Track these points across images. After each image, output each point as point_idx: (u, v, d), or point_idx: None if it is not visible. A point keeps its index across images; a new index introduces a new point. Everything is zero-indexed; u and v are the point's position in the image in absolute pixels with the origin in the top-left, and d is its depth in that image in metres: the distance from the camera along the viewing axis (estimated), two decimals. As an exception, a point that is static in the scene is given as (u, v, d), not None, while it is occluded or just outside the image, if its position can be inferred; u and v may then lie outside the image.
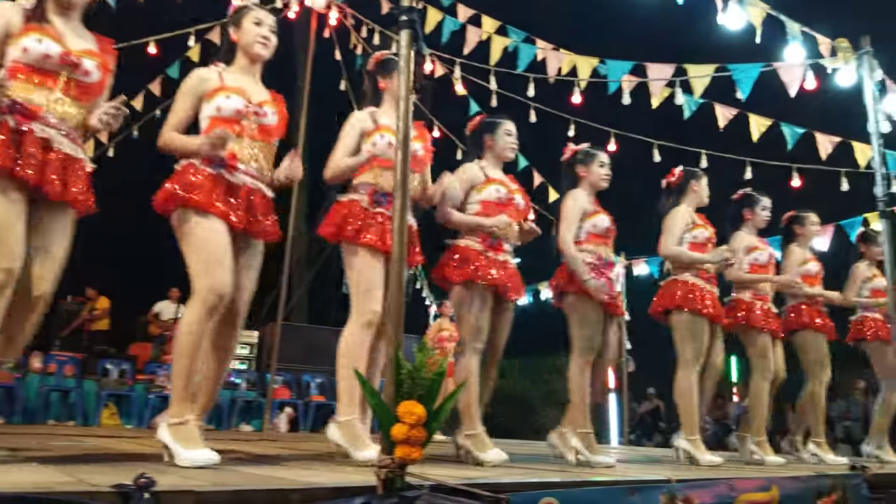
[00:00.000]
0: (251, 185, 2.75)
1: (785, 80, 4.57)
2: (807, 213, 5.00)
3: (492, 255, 3.49)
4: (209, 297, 2.57)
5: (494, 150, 3.68)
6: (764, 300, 4.60)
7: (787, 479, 3.10)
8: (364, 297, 3.09)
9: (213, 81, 2.79)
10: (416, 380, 2.04)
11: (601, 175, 3.92)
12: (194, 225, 2.62)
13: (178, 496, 1.70)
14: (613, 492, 2.48)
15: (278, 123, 2.90)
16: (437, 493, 2.09)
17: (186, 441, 2.48)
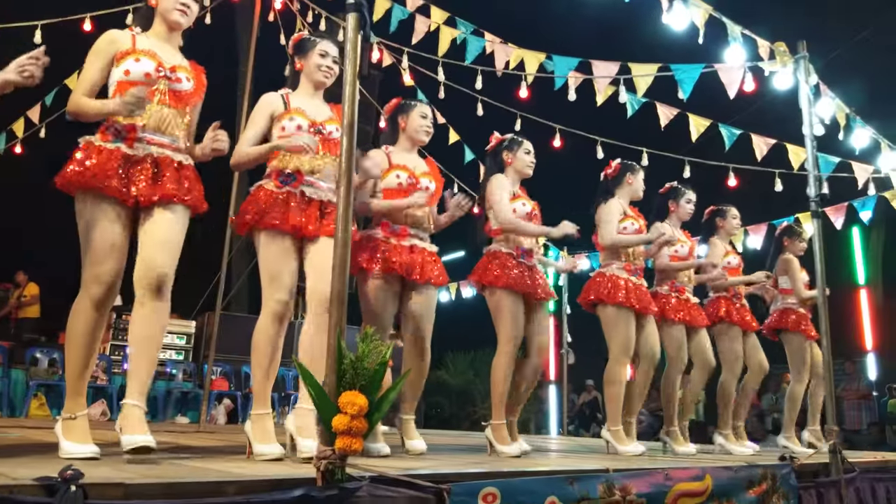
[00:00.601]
0: (157, 153, 2.61)
1: (725, 81, 4.68)
2: (728, 207, 5.18)
3: (394, 241, 3.45)
4: (95, 288, 2.48)
5: (407, 132, 3.64)
6: (681, 292, 4.73)
7: (719, 468, 3.18)
8: (268, 286, 2.92)
9: (125, 44, 2.67)
10: (358, 370, 2.01)
11: (527, 162, 3.95)
12: (88, 209, 2.52)
13: (107, 488, 1.63)
14: (553, 481, 2.50)
15: (193, 90, 2.78)
16: (377, 483, 2.07)
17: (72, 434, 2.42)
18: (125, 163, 2.55)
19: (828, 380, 4.20)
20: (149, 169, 2.57)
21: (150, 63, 2.64)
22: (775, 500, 3.33)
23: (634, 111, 5.61)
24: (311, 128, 3.03)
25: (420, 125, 3.63)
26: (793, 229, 5.58)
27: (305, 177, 2.98)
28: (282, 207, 2.91)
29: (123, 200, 2.53)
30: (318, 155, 3.01)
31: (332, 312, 2.08)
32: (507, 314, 3.68)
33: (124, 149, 2.56)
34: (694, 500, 2.98)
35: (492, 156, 4.03)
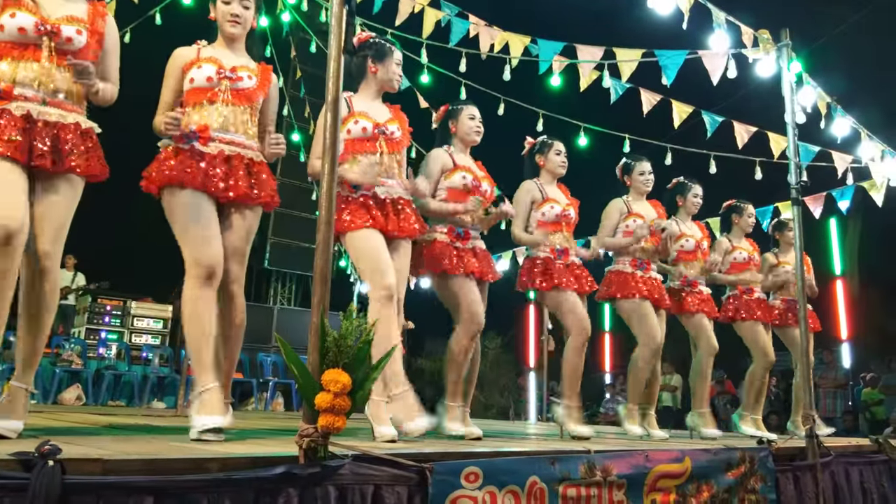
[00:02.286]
0: (228, 151, 2.75)
1: (709, 67, 4.69)
2: (745, 204, 5.28)
3: (460, 245, 3.58)
4: (199, 269, 2.61)
5: (458, 135, 3.73)
6: (693, 286, 4.86)
7: (698, 451, 3.22)
8: (374, 275, 3.01)
9: (190, 56, 2.84)
10: (341, 348, 1.99)
11: (558, 162, 4.21)
12: (179, 201, 2.66)
13: (85, 464, 1.61)
14: (535, 461, 2.51)
15: (257, 87, 2.89)
16: (360, 462, 2.06)
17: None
18: (200, 160, 2.69)
19: (806, 366, 4.25)
20: (222, 167, 2.71)
21: (211, 67, 2.79)
22: (753, 483, 3.37)
23: (618, 96, 5.61)
24: (374, 129, 3.15)
25: (470, 127, 3.73)
26: (781, 223, 5.67)
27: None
28: (364, 210, 3.07)
29: (207, 192, 2.69)
30: (384, 154, 3.17)
31: (315, 291, 2.06)
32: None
33: (198, 146, 2.70)
34: (673, 481, 3.00)
35: (527, 160, 4.33)
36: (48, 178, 2.40)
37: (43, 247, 2.35)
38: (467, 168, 3.65)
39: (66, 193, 2.43)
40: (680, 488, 3.03)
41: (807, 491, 3.63)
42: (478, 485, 2.28)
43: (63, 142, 2.39)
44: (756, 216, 6.40)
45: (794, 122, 4.24)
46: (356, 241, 3.05)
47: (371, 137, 3.15)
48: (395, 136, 3.18)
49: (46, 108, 2.40)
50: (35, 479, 1.48)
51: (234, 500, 1.75)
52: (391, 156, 3.20)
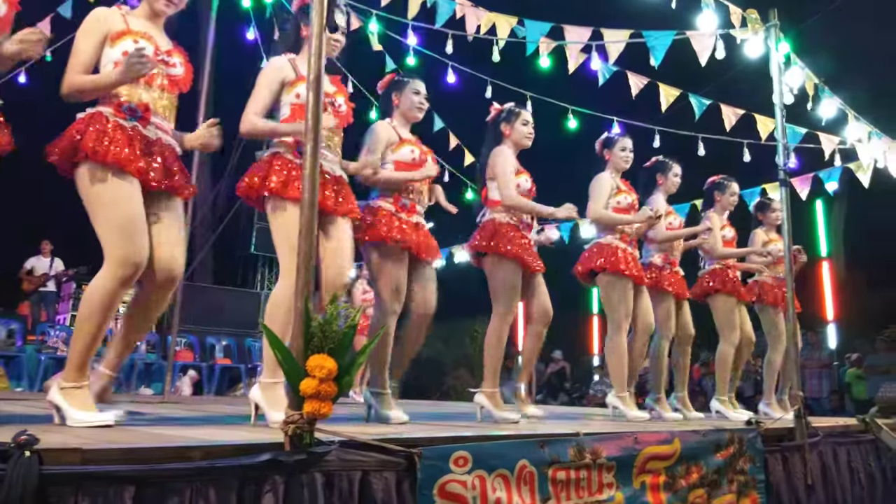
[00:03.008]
0: (164, 139, 2.61)
1: (696, 48, 4.65)
2: (729, 181, 5.21)
3: (404, 216, 3.44)
4: (124, 267, 2.39)
5: (400, 109, 3.60)
6: (673, 265, 4.83)
7: (688, 432, 3.21)
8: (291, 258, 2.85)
9: (117, 23, 2.57)
10: (326, 333, 1.95)
11: (524, 133, 3.99)
12: (108, 185, 2.42)
13: (64, 454, 1.57)
14: (524, 445, 2.49)
15: (185, 75, 2.73)
16: (347, 448, 2.03)
17: (80, 403, 2.35)
18: (143, 144, 2.51)
19: (793, 347, 4.26)
20: (158, 155, 2.56)
21: (149, 47, 2.56)
22: (742, 464, 3.38)
23: (605, 79, 5.56)
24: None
25: (413, 102, 3.60)
26: (764, 203, 5.64)
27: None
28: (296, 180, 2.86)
29: (141, 181, 2.50)
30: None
31: (299, 274, 2.02)
32: (510, 284, 3.73)
33: (140, 129, 2.53)
34: (663, 462, 3.00)
35: (491, 127, 4.07)
36: None
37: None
38: (414, 142, 3.56)
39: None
40: (669, 470, 3.02)
41: (795, 471, 3.64)
42: (467, 469, 2.26)
43: None
44: (742, 197, 6.41)
45: (781, 104, 4.22)
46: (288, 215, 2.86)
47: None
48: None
49: None
50: (11, 470, 1.44)
51: (218, 488, 1.72)
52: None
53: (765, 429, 3.61)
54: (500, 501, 2.32)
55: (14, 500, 1.42)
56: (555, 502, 2.51)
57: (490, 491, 2.31)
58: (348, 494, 1.97)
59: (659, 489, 2.95)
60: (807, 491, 3.63)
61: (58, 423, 2.34)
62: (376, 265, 3.39)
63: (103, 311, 2.39)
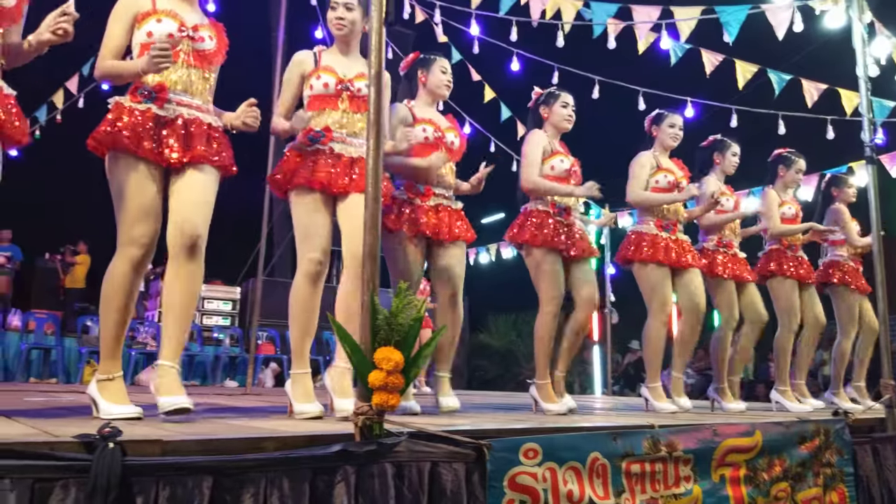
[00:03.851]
0: (187, 115, 2.57)
1: (773, 22, 4.45)
2: (797, 157, 4.95)
3: (419, 202, 3.41)
4: (131, 248, 2.45)
5: (427, 87, 3.56)
6: (729, 247, 4.61)
7: (770, 423, 3.10)
8: (301, 245, 2.89)
9: (145, 4, 2.60)
10: (392, 325, 1.97)
11: (564, 115, 3.89)
12: (120, 170, 2.47)
13: (145, 445, 1.64)
14: (596, 437, 2.46)
15: (216, 49, 2.71)
16: (416, 439, 2.05)
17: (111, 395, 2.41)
18: (156, 124, 2.51)
19: (884, 333, 4.04)
20: (179, 130, 2.53)
21: (173, 24, 2.57)
22: (828, 456, 3.24)
23: (678, 58, 5.39)
24: (338, 85, 2.99)
25: (441, 80, 3.57)
26: (839, 178, 5.36)
27: (335, 133, 2.95)
28: (310, 165, 2.89)
29: (156, 162, 2.51)
30: (347, 111, 2.99)
31: (364, 268, 2.04)
32: (545, 273, 3.66)
33: (155, 109, 2.52)
34: (743, 455, 2.90)
35: (531, 111, 4.01)
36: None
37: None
38: (429, 121, 3.48)
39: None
40: (750, 463, 2.92)
41: (887, 463, 3.46)
42: (537, 461, 2.24)
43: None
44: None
45: (866, 76, 4.00)
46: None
47: None
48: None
49: None
50: (97, 461, 1.51)
51: (292, 478, 1.76)
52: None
53: (853, 419, 3.44)
54: (571, 494, 2.30)
55: (100, 489, 1.48)
56: (629, 495, 2.47)
57: (562, 483, 2.28)
58: (418, 485, 1.99)
59: (739, 482, 2.86)
60: (901, 484, 3.44)
61: (95, 415, 2.40)
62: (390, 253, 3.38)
63: (118, 294, 2.43)
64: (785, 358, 4.76)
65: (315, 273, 2.85)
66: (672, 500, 2.60)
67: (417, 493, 1.98)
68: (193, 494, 1.61)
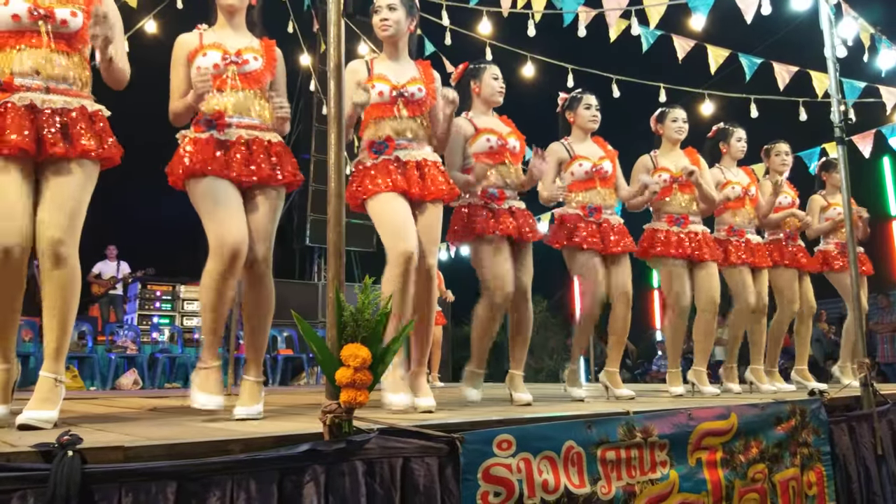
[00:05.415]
0: (246, 135, 2.70)
1: (741, 5, 4.46)
2: (776, 143, 5.02)
3: (495, 206, 3.49)
4: (218, 250, 2.56)
5: (482, 96, 3.63)
6: (740, 234, 4.66)
7: (745, 406, 3.11)
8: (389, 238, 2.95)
9: (193, 43, 2.78)
10: (359, 322, 1.95)
11: (588, 117, 4.05)
12: (199, 189, 2.63)
13: (107, 452, 1.61)
14: (570, 426, 2.45)
15: (264, 67, 2.81)
16: (387, 435, 2.03)
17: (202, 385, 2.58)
18: (220, 147, 2.66)
19: (858, 312, 4.07)
20: (242, 150, 2.67)
21: (216, 54, 2.72)
22: (805, 436, 3.26)
23: (650, 45, 5.40)
24: (392, 92, 3.06)
25: (494, 87, 3.63)
26: (829, 163, 5.39)
27: (396, 141, 3.04)
28: (384, 174, 2.98)
29: (228, 179, 2.65)
30: (403, 117, 3.07)
31: (330, 265, 2.02)
32: (587, 272, 3.87)
33: (216, 135, 2.67)
34: (719, 438, 2.92)
35: (560, 117, 4.19)
36: (57, 163, 2.33)
37: (52, 233, 2.26)
38: (490, 129, 3.55)
39: (78, 178, 2.35)
40: (726, 445, 2.94)
41: (863, 441, 3.49)
42: (511, 452, 2.24)
43: (71, 126, 2.33)
44: (802, 159, 6.15)
45: (834, 57, 4.01)
46: (376, 206, 3.00)
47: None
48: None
49: (50, 97, 2.34)
50: (55, 470, 1.48)
51: (259, 480, 1.74)
52: (415, 119, 3.10)
53: (829, 399, 3.47)
54: (547, 484, 2.29)
55: (59, 498, 1.46)
56: (605, 483, 2.47)
57: (537, 473, 2.28)
58: (390, 481, 1.97)
59: (716, 465, 2.87)
60: (877, 462, 3.47)
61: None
62: (475, 257, 3.49)
63: (210, 296, 2.57)
64: (779, 341, 4.87)
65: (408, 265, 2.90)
66: (649, 486, 2.61)
67: (389, 490, 1.97)
68: (157, 500, 1.59)
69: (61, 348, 2.41)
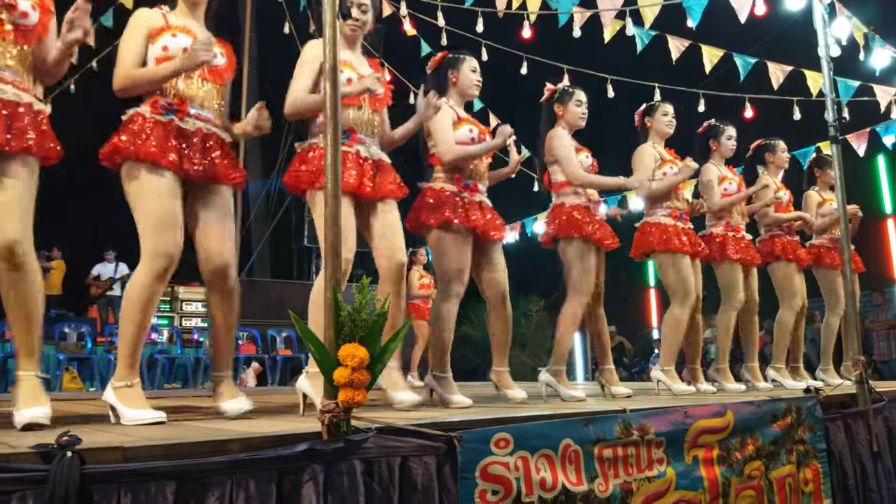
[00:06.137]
0: (205, 129, 2.61)
1: (735, 6, 4.48)
2: (776, 140, 5.01)
3: (467, 196, 3.37)
4: (157, 260, 2.42)
5: (458, 88, 3.53)
6: (737, 231, 4.64)
7: (741, 404, 3.13)
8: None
9: (157, 21, 2.62)
10: (356, 321, 1.96)
11: (578, 113, 3.95)
12: (143, 180, 2.45)
13: (106, 452, 1.62)
14: (567, 424, 2.47)
15: (227, 65, 2.76)
16: (385, 434, 2.04)
17: (132, 402, 2.37)
18: (179, 136, 2.53)
19: (852, 310, 4.10)
20: (199, 145, 2.57)
21: (187, 39, 2.59)
22: (800, 433, 3.28)
23: (644, 45, 5.41)
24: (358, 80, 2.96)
25: (472, 80, 3.53)
26: (822, 159, 5.39)
27: (358, 134, 2.94)
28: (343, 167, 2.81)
29: (177, 173, 2.50)
30: (363, 109, 2.99)
31: (326, 265, 2.03)
32: (587, 267, 3.75)
33: (177, 122, 2.54)
34: (715, 436, 2.93)
35: (545, 108, 4.04)
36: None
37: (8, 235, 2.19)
38: (471, 121, 3.47)
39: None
40: (723, 443, 2.96)
41: (859, 438, 3.51)
42: (508, 450, 2.25)
43: (17, 120, 2.21)
44: (797, 157, 6.17)
45: (828, 57, 4.03)
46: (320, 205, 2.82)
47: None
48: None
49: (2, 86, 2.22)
50: (54, 471, 1.49)
51: (258, 479, 1.75)
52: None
53: (824, 396, 3.49)
54: (544, 482, 2.31)
55: (58, 499, 1.47)
56: (602, 480, 2.48)
57: (534, 471, 2.29)
58: (389, 480, 1.98)
59: (713, 463, 2.88)
60: (873, 458, 3.49)
61: (114, 421, 2.39)
62: (437, 246, 3.33)
63: (141, 306, 2.41)
64: (784, 338, 4.83)
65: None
66: (646, 483, 2.63)
67: (388, 489, 1.98)
68: (157, 500, 1.60)
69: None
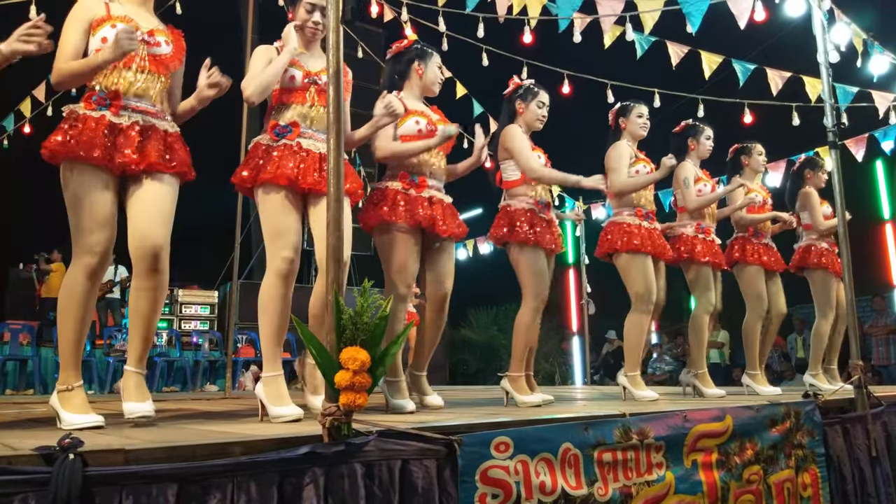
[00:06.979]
0: (143, 121, 2.54)
1: (735, 12, 4.50)
2: (753, 144, 5.01)
3: (413, 192, 3.29)
4: (85, 256, 2.41)
5: (423, 82, 3.46)
6: (707, 233, 4.63)
7: (740, 408, 3.14)
8: (271, 244, 2.79)
9: (99, 11, 2.57)
10: (358, 325, 1.97)
11: (538, 115, 3.86)
12: (73, 178, 2.44)
13: (108, 454, 1.63)
14: (567, 428, 2.47)
15: (173, 54, 2.68)
16: (386, 437, 2.05)
17: (71, 405, 2.37)
18: (111, 131, 2.48)
19: (851, 314, 4.10)
20: (135, 137, 2.50)
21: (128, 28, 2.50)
22: (799, 438, 3.29)
23: (644, 51, 5.43)
24: (305, 78, 2.93)
25: (437, 76, 3.49)
26: (814, 161, 5.41)
27: (302, 128, 2.88)
28: (276, 160, 2.80)
29: (111, 169, 2.48)
30: (314, 105, 2.92)
31: (328, 269, 2.04)
32: (532, 270, 3.67)
33: (110, 116, 2.49)
34: (715, 440, 2.94)
35: (506, 101, 3.94)
36: None
37: None
38: (420, 112, 3.38)
39: None
40: (722, 447, 2.96)
41: (857, 443, 3.52)
42: (508, 454, 2.26)
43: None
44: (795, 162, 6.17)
45: (827, 63, 4.04)
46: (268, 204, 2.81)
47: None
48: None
49: None
50: (56, 473, 1.49)
51: (259, 482, 1.76)
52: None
53: (823, 401, 3.50)
54: (544, 485, 2.31)
55: (60, 501, 1.47)
56: (602, 484, 2.49)
57: (534, 475, 2.30)
58: (389, 483, 1.99)
59: (712, 467, 2.89)
60: (871, 463, 3.50)
61: (59, 426, 2.34)
62: (379, 247, 3.29)
63: (74, 303, 2.40)
64: (753, 343, 4.81)
65: (287, 272, 2.77)
66: (645, 487, 2.63)
67: (388, 492, 1.99)
68: (158, 502, 1.60)
69: None
